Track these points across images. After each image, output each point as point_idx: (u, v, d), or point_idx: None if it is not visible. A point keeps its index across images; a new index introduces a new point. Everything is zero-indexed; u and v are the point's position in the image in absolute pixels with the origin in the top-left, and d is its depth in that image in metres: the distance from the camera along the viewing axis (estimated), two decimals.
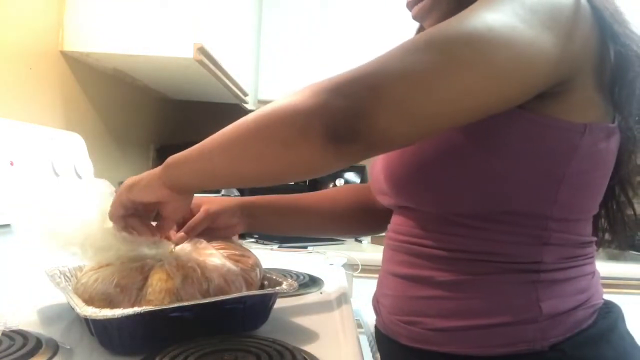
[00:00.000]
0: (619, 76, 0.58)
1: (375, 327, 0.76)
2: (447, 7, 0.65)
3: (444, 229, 0.63)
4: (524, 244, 0.60)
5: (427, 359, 0.64)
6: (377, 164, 0.74)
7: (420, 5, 0.68)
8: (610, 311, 0.65)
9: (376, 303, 0.75)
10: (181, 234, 0.73)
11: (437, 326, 0.62)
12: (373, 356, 0.85)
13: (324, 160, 0.50)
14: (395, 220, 0.72)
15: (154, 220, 0.68)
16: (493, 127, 0.57)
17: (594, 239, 0.66)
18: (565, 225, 0.61)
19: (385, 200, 0.73)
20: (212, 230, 0.77)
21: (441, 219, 0.63)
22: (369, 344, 0.92)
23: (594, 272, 0.66)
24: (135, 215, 0.64)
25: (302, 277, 0.98)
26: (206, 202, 0.78)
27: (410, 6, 0.70)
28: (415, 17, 0.71)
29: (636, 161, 0.64)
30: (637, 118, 0.60)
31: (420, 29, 0.77)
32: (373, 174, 0.76)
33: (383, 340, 0.73)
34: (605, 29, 0.57)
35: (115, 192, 0.66)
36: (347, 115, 0.47)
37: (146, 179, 0.61)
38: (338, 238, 1.90)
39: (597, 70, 0.57)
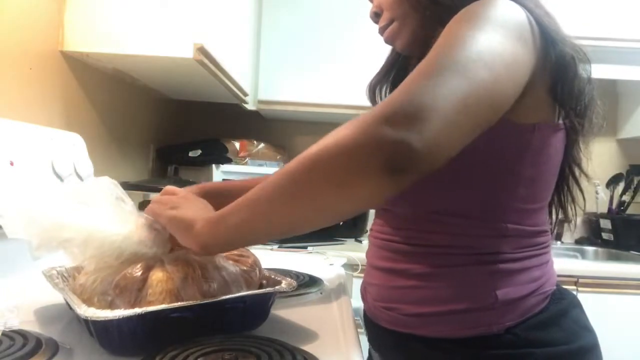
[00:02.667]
0: (560, 77, 0.65)
1: (364, 312, 0.81)
2: (413, 27, 0.75)
3: (417, 226, 0.70)
4: (485, 237, 0.67)
5: (404, 339, 0.71)
6: None
7: (389, 29, 0.77)
8: (563, 298, 0.71)
9: (364, 291, 0.81)
10: None
11: (411, 312, 0.69)
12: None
13: (382, 194, 0.52)
14: (377, 222, 0.79)
15: None
16: None
17: (547, 227, 0.73)
18: (521, 217, 0.68)
19: None
20: None
21: (414, 219, 0.70)
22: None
23: (547, 261, 0.72)
24: None
25: (302, 277, 0.98)
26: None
27: (381, 31, 0.79)
28: (386, 41, 0.80)
29: (579, 147, 0.72)
30: (577, 111, 0.67)
31: (393, 52, 0.87)
32: None
33: (369, 323, 0.79)
34: (546, 37, 0.64)
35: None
36: (401, 149, 0.48)
37: (194, 230, 0.61)
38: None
39: (545, 74, 0.64)
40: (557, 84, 0.65)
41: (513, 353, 0.64)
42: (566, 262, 1.95)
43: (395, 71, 0.88)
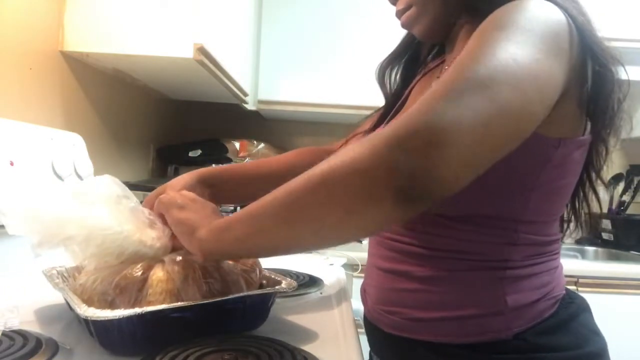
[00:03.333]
0: (596, 92, 0.61)
1: (364, 315, 0.79)
2: (433, 14, 0.71)
3: (425, 228, 0.67)
4: (494, 244, 0.64)
5: (405, 345, 0.69)
6: None
7: (407, 13, 0.73)
8: (572, 302, 0.69)
9: (363, 293, 0.79)
10: None
11: (414, 316, 0.67)
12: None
13: (389, 222, 0.50)
14: None
15: None
16: None
17: (559, 235, 0.71)
18: (534, 228, 0.65)
19: None
20: None
21: (423, 220, 0.66)
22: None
23: (557, 267, 0.71)
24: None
25: (302, 277, 0.98)
26: (168, 187, 0.78)
27: (398, 15, 0.75)
28: (403, 25, 0.76)
29: (602, 154, 0.68)
30: (605, 121, 0.64)
31: (408, 35, 0.83)
32: None
33: (369, 327, 0.78)
34: (586, 48, 0.59)
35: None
36: (416, 177, 0.45)
37: (188, 231, 0.62)
38: None
39: (579, 86, 0.60)
40: (593, 99, 0.61)
41: (522, 358, 0.63)
42: (566, 262, 1.92)
43: (409, 54, 0.85)
